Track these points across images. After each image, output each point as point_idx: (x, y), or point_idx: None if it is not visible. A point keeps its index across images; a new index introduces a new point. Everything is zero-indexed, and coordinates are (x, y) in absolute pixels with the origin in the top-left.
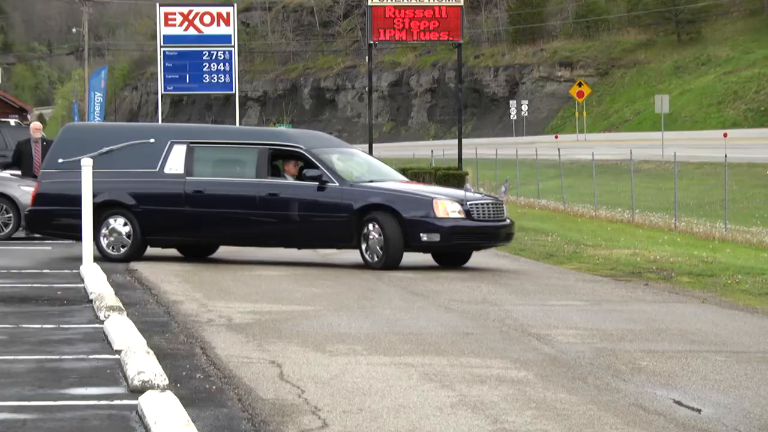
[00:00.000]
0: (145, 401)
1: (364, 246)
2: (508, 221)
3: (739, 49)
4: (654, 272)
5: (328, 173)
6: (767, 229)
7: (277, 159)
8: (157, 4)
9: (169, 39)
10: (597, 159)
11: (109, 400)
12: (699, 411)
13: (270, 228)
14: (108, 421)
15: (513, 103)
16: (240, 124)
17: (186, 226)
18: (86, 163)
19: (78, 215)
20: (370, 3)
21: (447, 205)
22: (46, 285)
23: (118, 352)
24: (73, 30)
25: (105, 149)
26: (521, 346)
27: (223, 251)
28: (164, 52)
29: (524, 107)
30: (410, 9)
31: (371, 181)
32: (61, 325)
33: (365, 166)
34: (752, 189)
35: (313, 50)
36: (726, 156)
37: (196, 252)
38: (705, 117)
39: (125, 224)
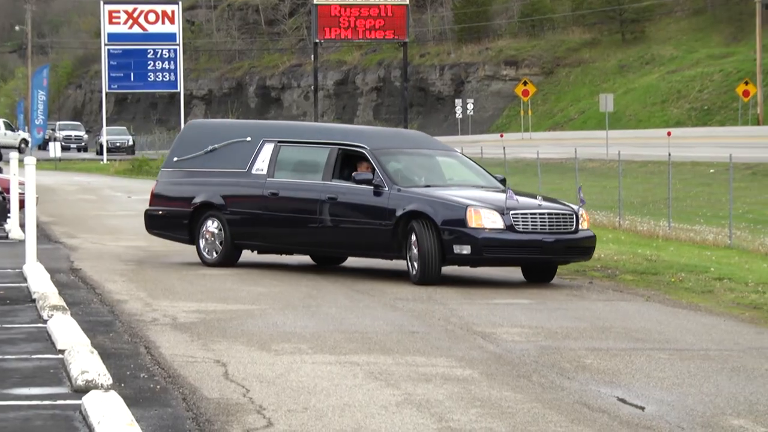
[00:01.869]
0: (88, 401)
1: (408, 257)
2: (577, 235)
3: (682, 49)
4: (598, 270)
5: (381, 177)
6: (710, 227)
7: (348, 159)
8: (101, 2)
9: (113, 37)
10: (542, 158)
11: (52, 400)
12: (642, 408)
13: (326, 234)
14: (51, 421)
15: (458, 101)
16: (185, 122)
17: (264, 230)
18: (29, 162)
19: (184, 217)
20: (315, 1)
21: (482, 214)
22: None
23: (62, 351)
24: (16, 28)
25: (209, 148)
26: (466, 344)
27: (174, 249)
28: (108, 50)
29: (470, 106)
30: (356, 8)
31: (428, 186)
32: (3, 325)
33: (442, 170)
34: (696, 187)
35: (259, 49)
36: (670, 154)
37: (326, 260)
38: (649, 116)
39: (218, 227)
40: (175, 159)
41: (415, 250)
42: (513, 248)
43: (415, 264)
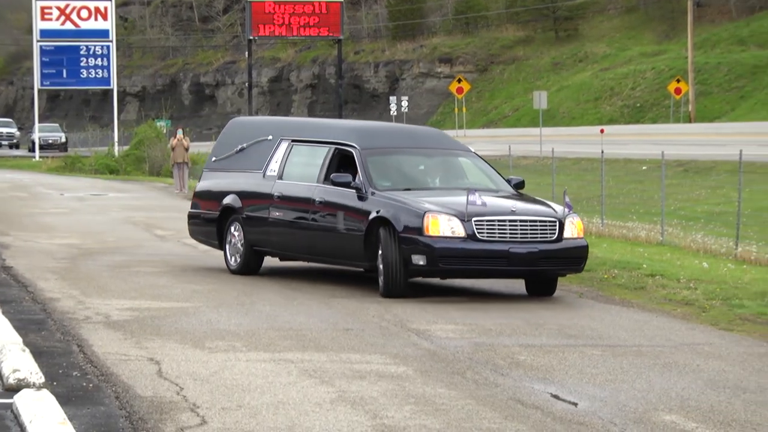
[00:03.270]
0: (20, 400)
1: (378, 266)
2: (559, 244)
3: (615, 46)
4: None
5: (360, 178)
6: (643, 224)
7: (345, 160)
8: None
9: (45, 33)
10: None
11: None
12: (575, 404)
13: (316, 239)
14: None
15: (393, 98)
16: (119, 119)
17: (270, 234)
18: None
19: (213, 220)
20: None
21: (440, 221)
22: None
23: None
24: None
25: (239, 147)
26: (401, 341)
27: (107, 245)
28: (40, 46)
29: (404, 103)
30: (290, 4)
31: (409, 189)
32: None
33: (443, 172)
34: (628, 184)
35: (193, 45)
36: (603, 152)
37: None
38: (582, 113)
39: (239, 232)
40: (213, 159)
41: (380, 260)
42: (473, 259)
43: (381, 275)
